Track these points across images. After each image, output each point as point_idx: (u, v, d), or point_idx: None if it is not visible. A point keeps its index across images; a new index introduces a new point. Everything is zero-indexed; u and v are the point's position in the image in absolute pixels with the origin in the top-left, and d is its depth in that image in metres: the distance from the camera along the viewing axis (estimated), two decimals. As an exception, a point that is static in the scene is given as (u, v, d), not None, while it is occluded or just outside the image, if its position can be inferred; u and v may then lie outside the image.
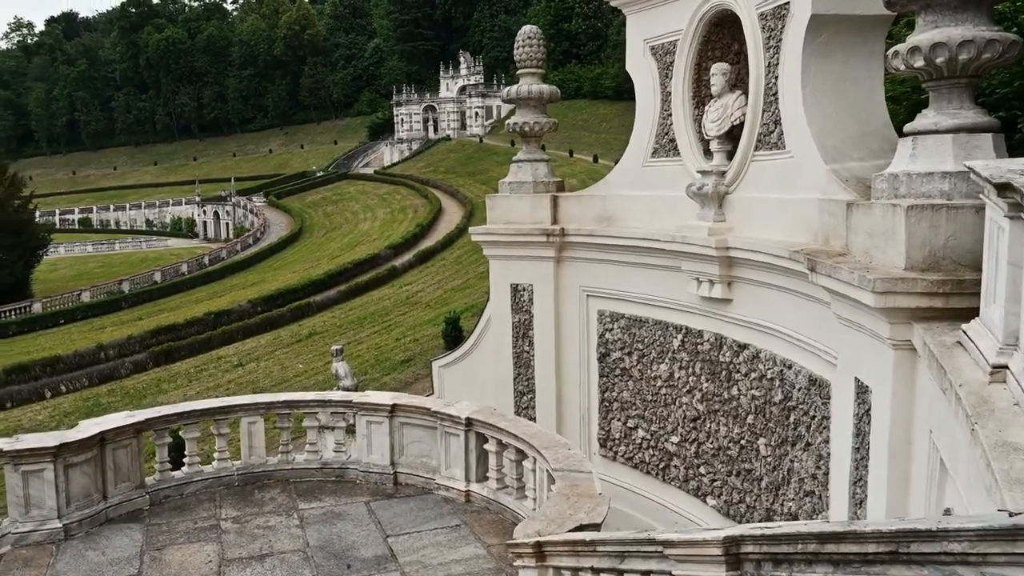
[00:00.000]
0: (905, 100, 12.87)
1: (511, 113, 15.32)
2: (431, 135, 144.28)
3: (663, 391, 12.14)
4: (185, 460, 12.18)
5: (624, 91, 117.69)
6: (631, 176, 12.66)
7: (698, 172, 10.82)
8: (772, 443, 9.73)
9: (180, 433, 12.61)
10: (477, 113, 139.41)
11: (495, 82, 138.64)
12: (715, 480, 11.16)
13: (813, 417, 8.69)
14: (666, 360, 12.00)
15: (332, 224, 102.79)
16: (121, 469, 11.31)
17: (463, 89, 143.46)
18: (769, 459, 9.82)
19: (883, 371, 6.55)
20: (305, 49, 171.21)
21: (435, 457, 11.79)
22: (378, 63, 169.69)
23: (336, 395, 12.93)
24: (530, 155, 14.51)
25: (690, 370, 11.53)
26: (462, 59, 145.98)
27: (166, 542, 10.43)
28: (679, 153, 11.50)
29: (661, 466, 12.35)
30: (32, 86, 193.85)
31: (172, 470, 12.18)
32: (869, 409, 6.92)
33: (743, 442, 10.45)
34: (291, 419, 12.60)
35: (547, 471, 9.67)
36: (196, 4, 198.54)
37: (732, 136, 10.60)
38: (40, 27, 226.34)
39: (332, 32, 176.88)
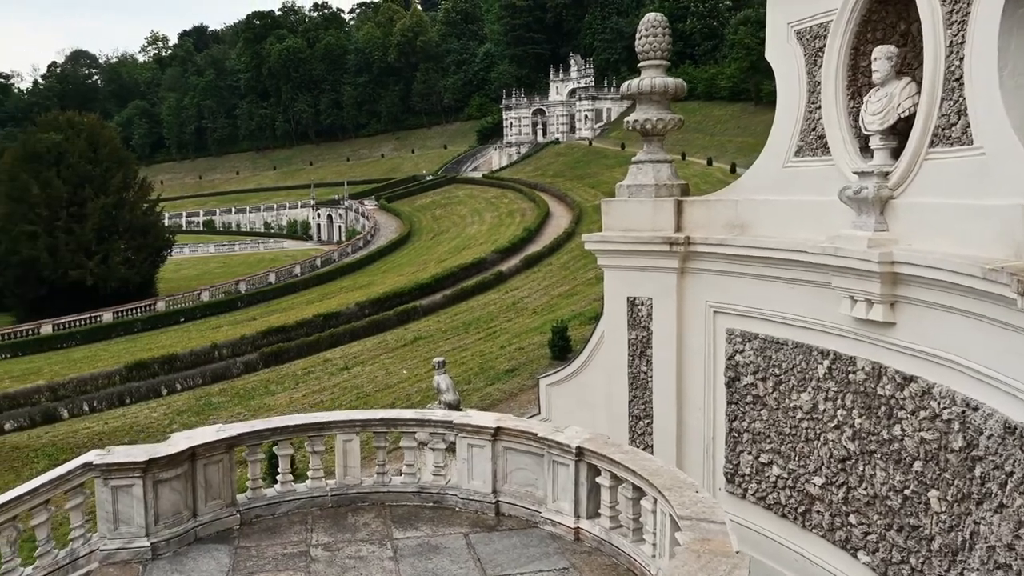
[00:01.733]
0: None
1: (626, 111, 14.01)
2: (539, 139, 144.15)
3: (804, 424, 10.58)
4: (278, 478, 11.52)
5: (740, 92, 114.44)
6: (769, 178, 11.14)
7: (854, 173, 9.26)
8: (949, 498, 8.08)
9: (273, 449, 11.98)
10: (587, 116, 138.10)
11: (605, 85, 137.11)
12: (869, 533, 9.54)
13: (1010, 473, 7.05)
14: (808, 389, 10.44)
15: (440, 228, 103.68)
16: (212, 486, 10.76)
17: (573, 92, 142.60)
18: (944, 516, 8.18)
19: None
20: (418, 55, 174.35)
21: (541, 487, 10.68)
22: (488, 68, 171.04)
23: (436, 414, 11.99)
24: (651, 155, 13.15)
25: (838, 402, 9.94)
26: (572, 62, 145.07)
27: (253, 568, 9.75)
28: (829, 151, 9.95)
29: (800, 510, 10.77)
30: (165, 96, 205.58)
31: (264, 487, 11.54)
32: (1112, 479, 5.33)
33: (908, 492, 8.82)
34: (388, 438, 11.77)
35: (670, 515, 8.38)
36: (315, 15, 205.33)
37: (896, 131, 9.01)
38: (173, 40, 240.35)
39: (444, 38, 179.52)
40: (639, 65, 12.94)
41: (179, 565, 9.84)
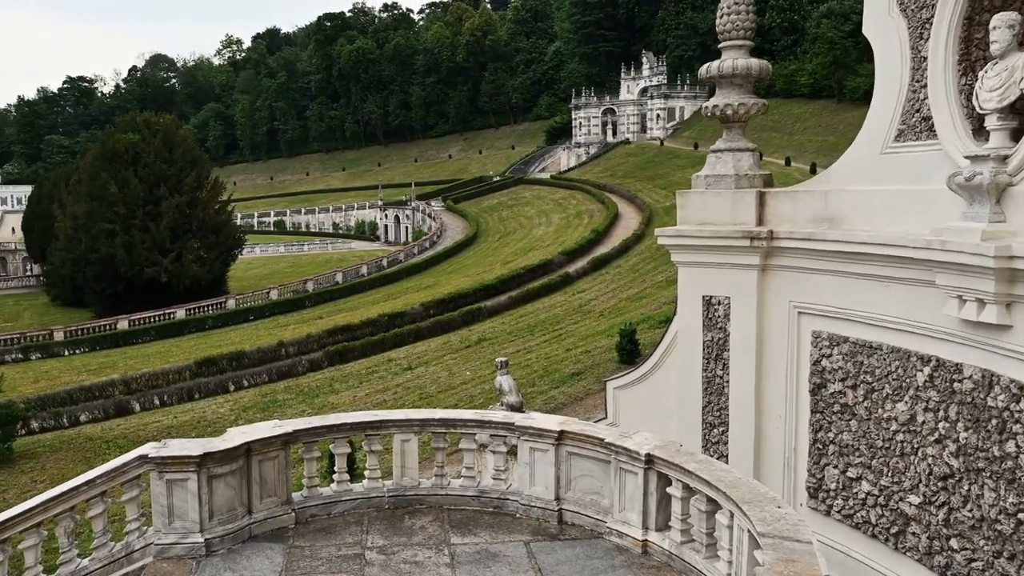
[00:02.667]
0: None
1: (700, 109, 13.15)
2: (609, 139, 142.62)
3: (899, 437, 9.64)
4: (334, 477, 11.16)
5: (821, 88, 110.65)
6: (864, 166, 10.22)
7: (966, 157, 8.33)
8: (1074, 526, 7.13)
9: (330, 447, 11.61)
10: (659, 115, 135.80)
11: (679, 83, 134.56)
12: (974, 560, 8.59)
13: None
14: (905, 398, 9.50)
15: (506, 229, 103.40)
16: (267, 483, 10.50)
17: (644, 91, 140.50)
18: (1068, 547, 7.23)
19: None
20: (486, 55, 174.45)
21: (607, 496, 10.05)
22: (558, 67, 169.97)
23: (497, 415, 11.43)
24: (731, 143, 12.31)
25: (940, 413, 9.00)
26: (644, 59, 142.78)
27: (307, 569, 9.42)
28: (935, 134, 9.01)
29: (893, 531, 9.84)
30: (239, 98, 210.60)
31: (321, 486, 11.18)
32: None
33: (1021, 516, 7.86)
34: (447, 439, 11.27)
35: (749, 532, 7.64)
36: (385, 15, 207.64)
37: (1016, 109, 8.06)
38: (247, 43, 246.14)
39: (513, 37, 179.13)
40: (720, 46, 12.13)
41: (232, 563, 9.57)
